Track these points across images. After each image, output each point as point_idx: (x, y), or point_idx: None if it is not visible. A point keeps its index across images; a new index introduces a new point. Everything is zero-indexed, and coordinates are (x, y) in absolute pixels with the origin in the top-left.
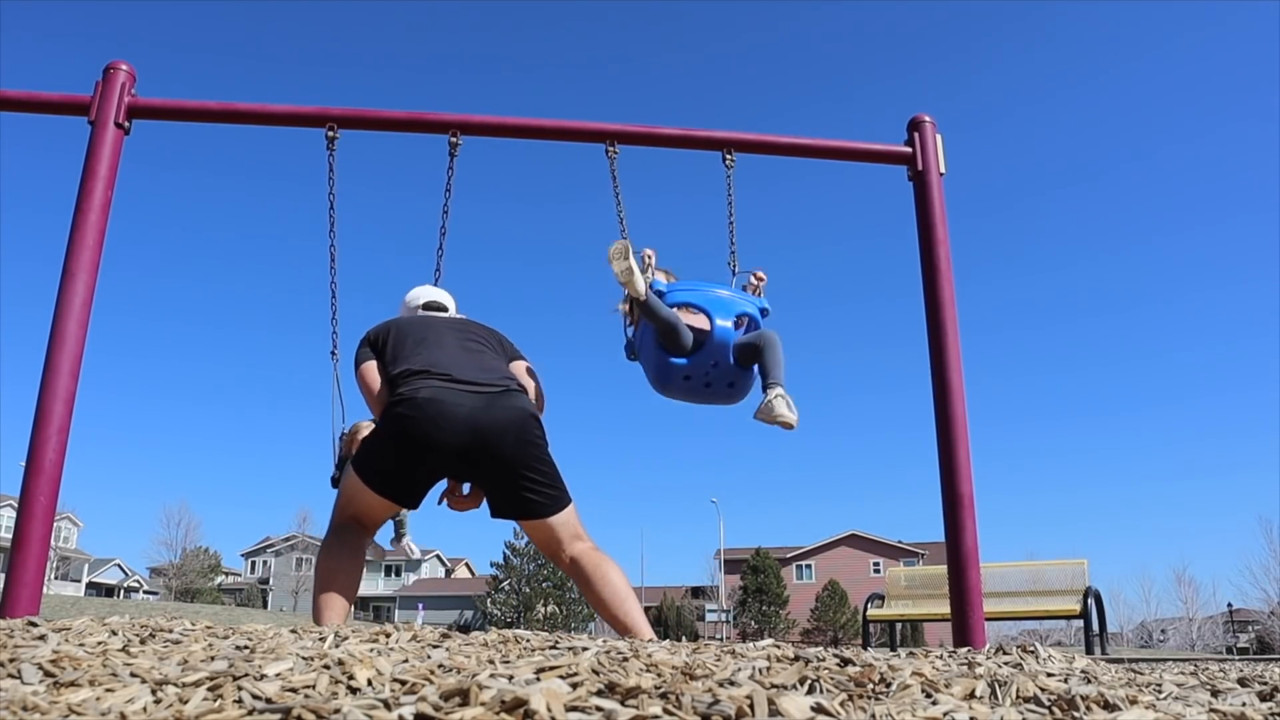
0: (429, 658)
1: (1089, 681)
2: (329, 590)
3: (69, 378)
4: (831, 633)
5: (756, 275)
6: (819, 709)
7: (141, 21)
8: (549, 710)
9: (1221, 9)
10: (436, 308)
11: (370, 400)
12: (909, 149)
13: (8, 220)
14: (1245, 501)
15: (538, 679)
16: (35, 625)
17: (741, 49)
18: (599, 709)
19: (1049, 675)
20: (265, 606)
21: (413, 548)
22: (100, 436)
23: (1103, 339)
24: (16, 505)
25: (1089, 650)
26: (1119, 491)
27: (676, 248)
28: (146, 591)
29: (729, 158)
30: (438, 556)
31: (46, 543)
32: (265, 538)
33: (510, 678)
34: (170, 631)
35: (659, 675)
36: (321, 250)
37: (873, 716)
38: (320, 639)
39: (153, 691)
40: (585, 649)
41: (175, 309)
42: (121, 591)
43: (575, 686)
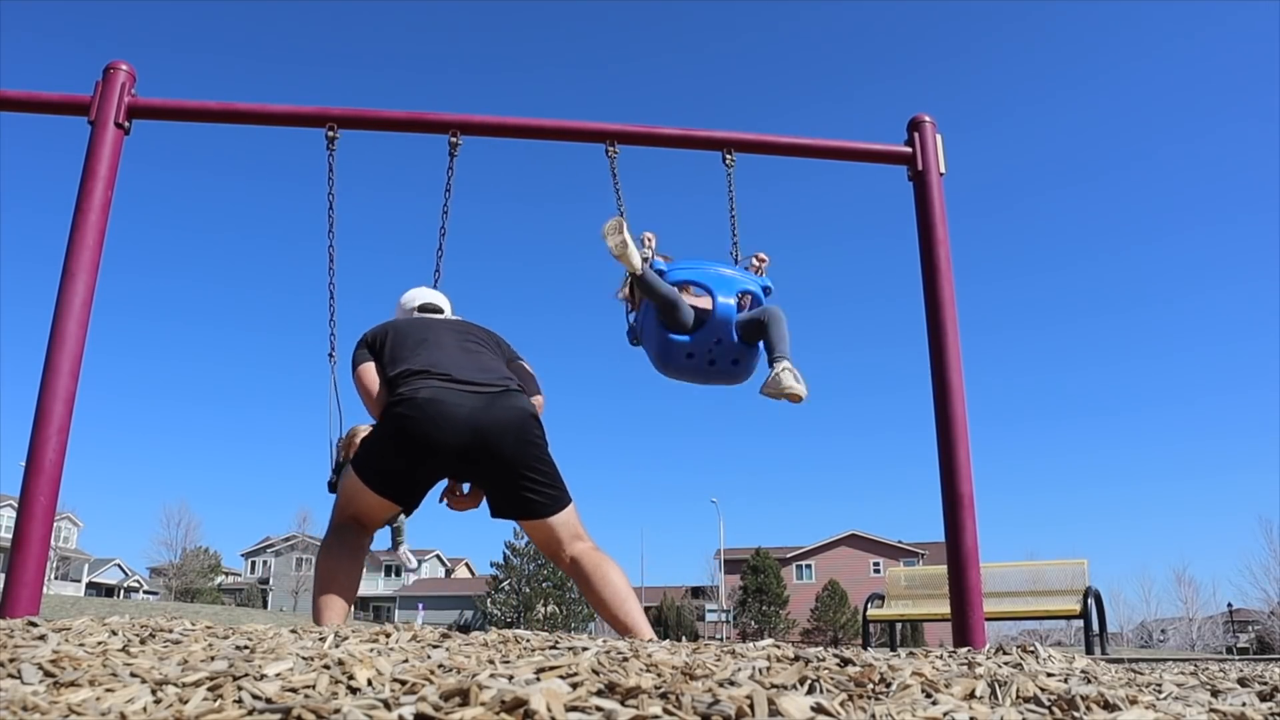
0: (429, 658)
1: (1089, 681)
2: (329, 590)
3: (69, 378)
4: (831, 633)
5: (758, 257)
6: (819, 709)
7: (141, 21)
8: (549, 710)
9: (1221, 9)
10: (432, 309)
11: (368, 402)
12: (909, 149)
13: (8, 220)
14: (1245, 501)
15: (538, 679)
16: (35, 625)
17: (741, 49)
18: (599, 709)
19: (1049, 675)
20: (265, 606)
21: (409, 557)
22: (100, 436)
23: (1103, 339)
24: (16, 505)
25: (1089, 650)
26: (1119, 491)
27: (677, 248)
28: (146, 591)
29: (729, 158)
30: (438, 556)
31: (46, 543)
32: (265, 538)
33: (510, 678)
34: (170, 631)
35: (659, 675)
36: (321, 250)
37: (873, 716)
38: (320, 639)
39: (153, 691)
40: (585, 649)
41: (175, 309)
42: (121, 591)
43: (575, 686)
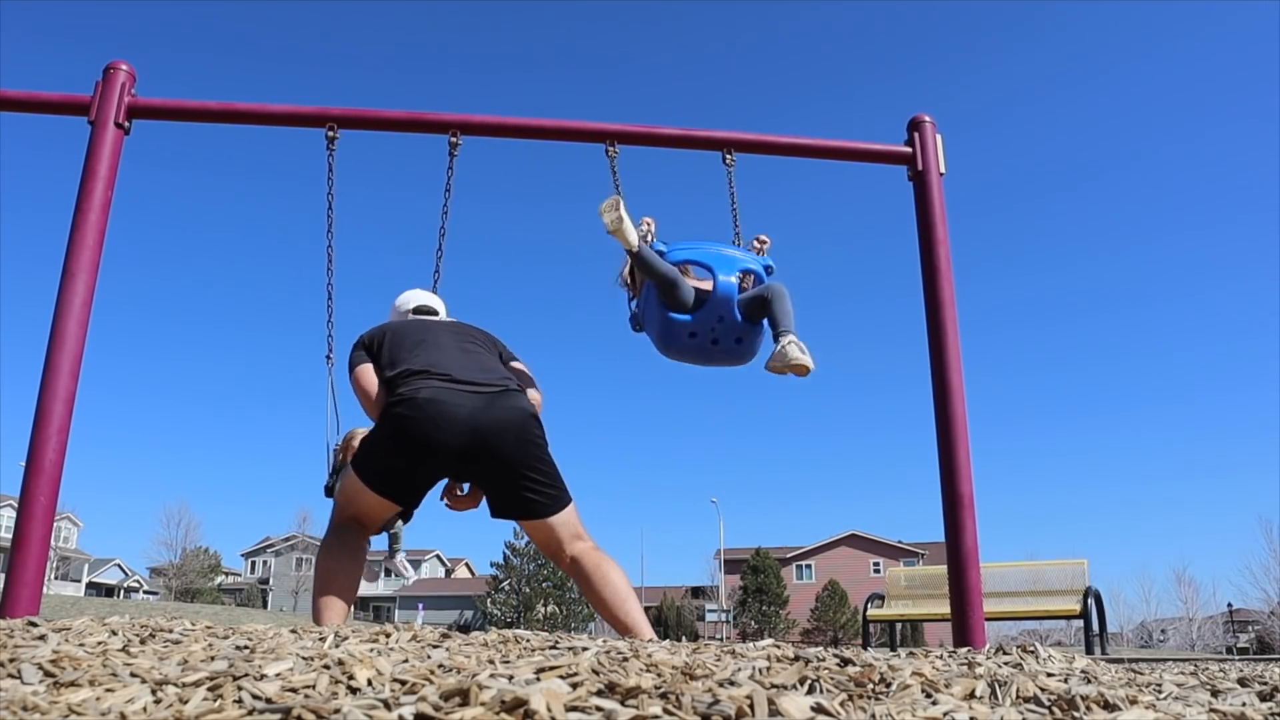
0: (429, 658)
1: (1089, 681)
2: (329, 590)
3: (69, 378)
4: (831, 633)
5: (760, 239)
6: (819, 709)
7: (141, 21)
8: (549, 710)
9: (1221, 9)
10: (427, 311)
11: (366, 403)
12: (909, 149)
13: (8, 220)
14: (1245, 501)
15: (538, 679)
16: (35, 625)
17: (741, 49)
18: (599, 709)
19: (1049, 675)
20: (265, 606)
21: (406, 566)
22: (100, 436)
23: (1103, 339)
24: (16, 505)
25: (1089, 650)
26: (1119, 491)
27: None
28: (146, 591)
29: (729, 158)
30: (437, 556)
31: (46, 543)
32: (265, 538)
33: (510, 678)
34: (170, 631)
35: (659, 675)
36: (321, 250)
37: (873, 716)
38: (320, 639)
39: (153, 691)
40: (585, 649)
41: (175, 309)
42: (121, 591)
43: (575, 686)
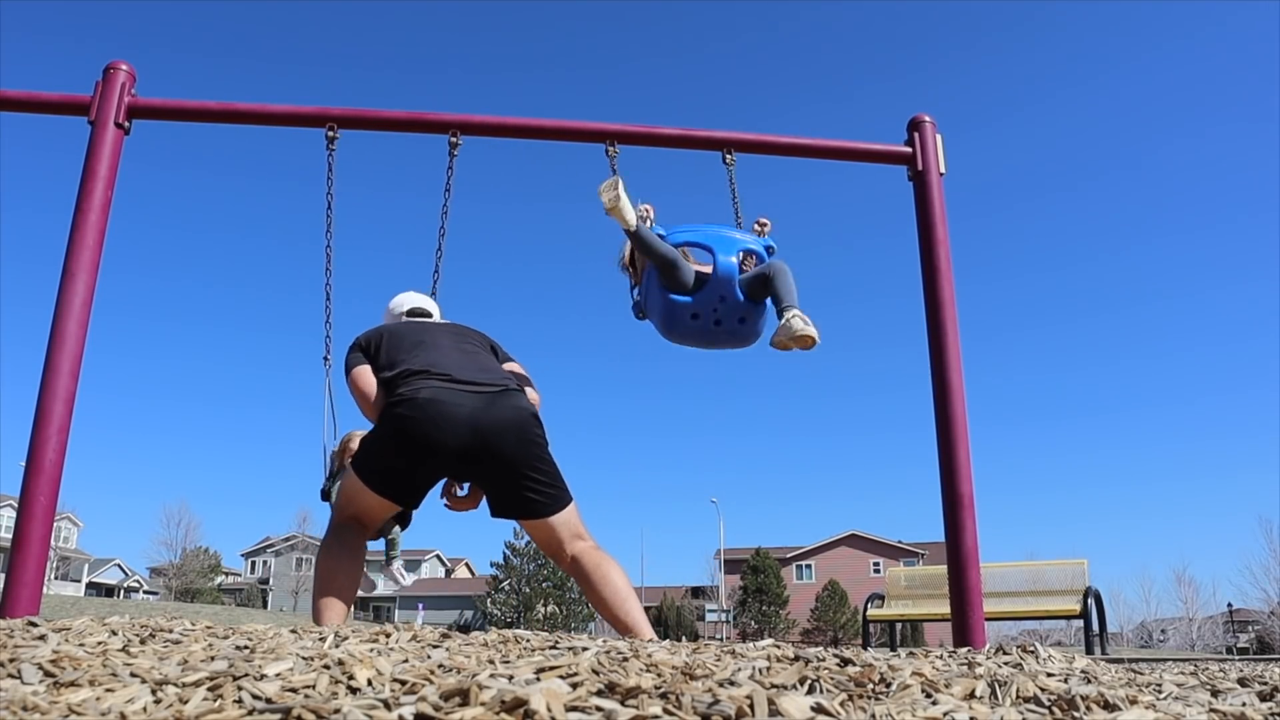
0: (429, 658)
1: (1089, 681)
2: (329, 591)
3: (69, 378)
4: (831, 633)
5: (760, 222)
6: (819, 709)
7: (141, 21)
8: (549, 710)
9: (1221, 9)
10: (421, 314)
11: (364, 405)
12: (909, 149)
13: (8, 220)
14: (1245, 501)
15: (538, 679)
16: (35, 625)
17: (741, 49)
18: (599, 709)
19: (1049, 675)
20: (265, 606)
21: (402, 573)
22: (100, 436)
23: (1103, 339)
24: (16, 505)
25: (1089, 650)
26: (1119, 491)
27: None
28: (146, 591)
29: (729, 158)
30: (437, 556)
31: (46, 543)
32: (265, 538)
33: (510, 678)
34: (170, 631)
35: (659, 675)
36: (321, 250)
37: (873, 716)
38: (320, 639)
39: (153, 691)
40: (585, 649)
41: (175, 309)
42: (121, 591)
43: (575, 686)
